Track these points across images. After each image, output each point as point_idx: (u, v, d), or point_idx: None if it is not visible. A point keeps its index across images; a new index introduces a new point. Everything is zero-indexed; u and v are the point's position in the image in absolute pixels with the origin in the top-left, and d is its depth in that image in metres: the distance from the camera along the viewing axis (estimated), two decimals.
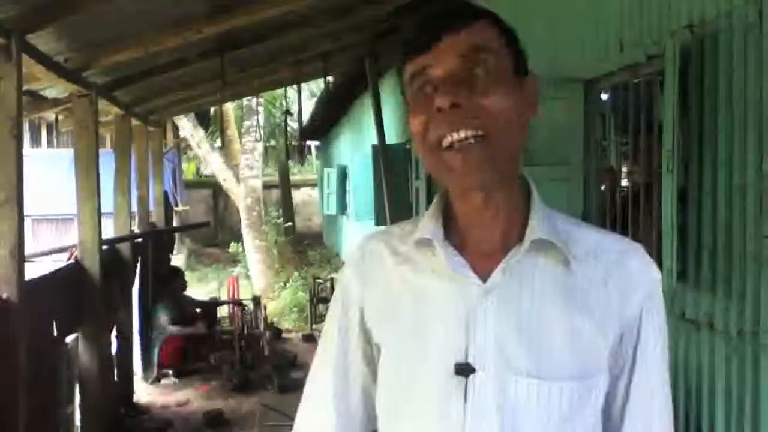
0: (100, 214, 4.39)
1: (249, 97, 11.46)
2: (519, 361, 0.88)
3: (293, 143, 13.67)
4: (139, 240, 6.19)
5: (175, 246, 10.04)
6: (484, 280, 0.90)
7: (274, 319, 9.02)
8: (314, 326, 8.31)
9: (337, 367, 1.02)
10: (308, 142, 17.78)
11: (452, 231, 0.95)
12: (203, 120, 15.10)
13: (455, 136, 0.84)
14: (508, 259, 0.90)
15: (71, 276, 4.20)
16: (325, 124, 12.37)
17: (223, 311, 8.07)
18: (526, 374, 0.87)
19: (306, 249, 14.50)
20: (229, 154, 15.26)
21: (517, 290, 0.90)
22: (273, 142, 19.04)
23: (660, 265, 2.36)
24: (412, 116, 0.88)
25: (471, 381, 0.88)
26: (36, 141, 14.27)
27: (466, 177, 0.86)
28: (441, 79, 0.85)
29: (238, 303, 7.68)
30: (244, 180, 11.95)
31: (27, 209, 3.09)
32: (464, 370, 0.88)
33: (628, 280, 0.91)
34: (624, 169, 3.72)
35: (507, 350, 0.88)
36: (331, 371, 1.02)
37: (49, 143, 14.49)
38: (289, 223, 13.75)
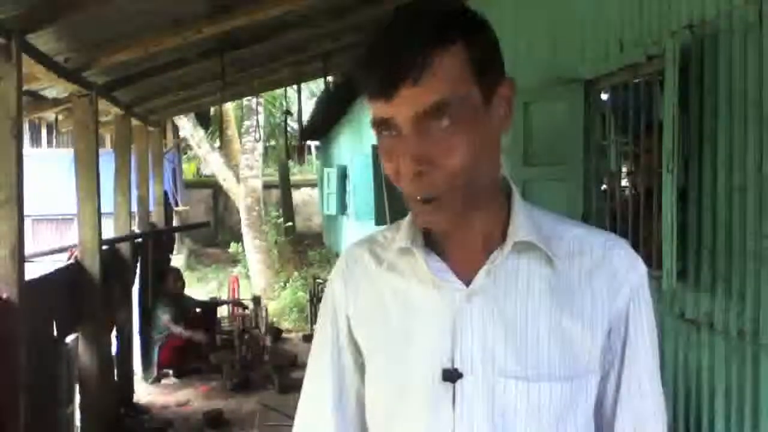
0: (100, 214, 4.39)
1: (249, 97, 11.46)
2: (506, 363, 0.87)
3: (293, 143, 13.68)
4: (139, 240, 6.19)
5: (175, 246, 10.04)
6: (468, 284, 0.89)
7: (274, 319, 9.02)
8: (314, 326, 8.29)
9: (332, 378, 1.01)
10: (308, 142, 17.79)
11: (433, 236, 0.94)
12: (203, 120, 15.10)
13: (422, 196, 0.83)
14: (491, 261, 0.89)
15: (71, 276, 4.20)
16: (325, 124, 12.36)
17: (223, 311, 8.07)
18: (514, 377, 0.87)
19: (306, 249, 14.50)
20: (229, 154, 15.25)
21: (501, 292, 0.89)
22: (273, 142, 19.04)
23: (660, 265, 2.36)
24: (382, 156, 0.86)
25: (459, 386, 0.87)
26: (36, 141, 14.28)
27: (433, 225, 0.87)
28: (403, 133, 0.81)
29: (238, 303, 7.68)
30: (244, 180, 11.95)
31: (27, 209, 3.09)
32: (452, 375, 0.88)
33: (613, 276, 0.90)
34: (624, 170, 3.72)
35: (494, 353, 0.87)
36: (327, 382, 1.01)
37: (49, 143, 14.49)
38: (289, 223, 13.76)
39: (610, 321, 0.90)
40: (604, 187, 3.11)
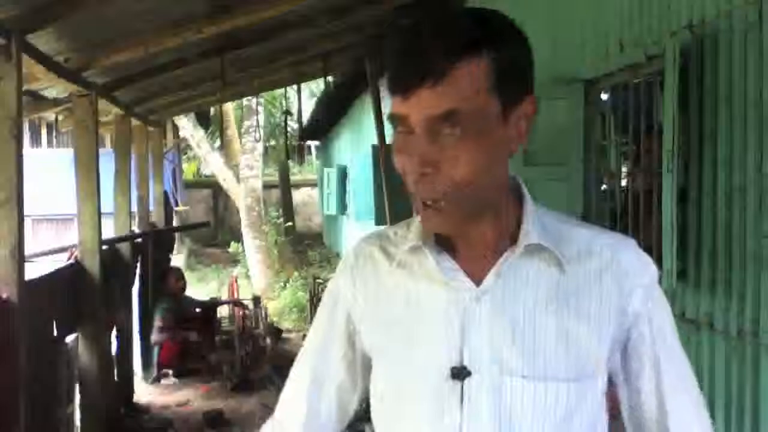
0: (100, 214, 4.38)
1: (249, 97, 11.46)
2: (513, 363, 0.88)
3: (293, 143, 13.68)
4: (139, 240, 6.19)
5: (175, 246, 10.03)
6: (478, 284, 0.90)
7: (274, 319, 9.02)
8: None
9: (315, 365, 1.05)
10: (308, 142, 17.79)
11: (444, 235, 0.94)
12: (203, 120, 15.09)
13: (422, 197, 0.85)
14: (501, 262, 0.90)
15: (71, 276, 4.20)
16: (325, 124, 12.36)
17: (223, 311, 8.06)
18: (521, 376, 0.87)
19: (306, 249, 14.50)
20: (229, 154, 15.26)
21: (510, 293, 0.90)
22: (273, 142, 19.04)
23: (660, 265, 2.36)
24: (394, 150, 0.87)
25: (467, 384, 0.88)
26: (36, 141, 14.27)
27: (433, 228, 0.89)
28: (414, 133, 0.82)
29: (238, 303, 7.67)
30: (244, 180, 11.94)
31: (27, 209, 3.08)
32: (460, 373, 0.89)
33: (624, 277, 0.91)
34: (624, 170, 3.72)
35: (501, 353, 0.88)
36: (308, 368, 1.06)
37: (49, 143, 14.49)
38: (289, 223, 13.75)
39: (625, 323, 0.91)
40: (604, 187, 3.12)
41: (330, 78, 8.00)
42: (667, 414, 0.94)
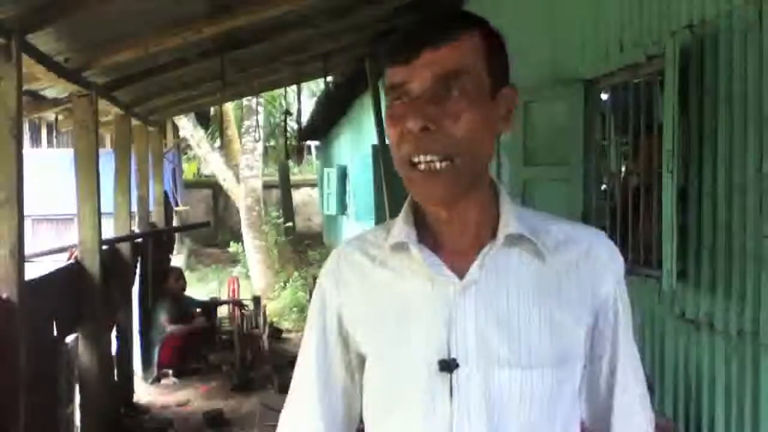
0: (100, 214, 4.38)
1: (249, 97, 11.45)
2: (500, 352, 0.91)
3: (293, 143, 13.68)
4: (139, 240, 6.19)
5: (175, 246, 10.03)
6: (461, 278, 0.92)
7: (274, 319, 9.02)
8: None
9: (318, 373, 1.04)
10: (308, 142, 17.79)
11: (426, 232, 0.97)
12: (203, 120, 15.08)
13: (422, 158, 0.87)
14: (484, 254, 0.93)
15: (71, 276, 4.20)
16: (325, 124, 12.36)
17: (223, 311, 8.06)
18: (508, 365, 0.90)
19: (306, 249, 14.49)
20: (229, 154, 15.25)
21: (494, 284, 0.93)
22: (273, 142, 19.04)
23: (660, 265, 2.36)
24: (389, 124, 0.91)
25: (455, 376, 0.91)
26: (36, 141, 14.26)
27: (427, 194, 0.90)
28: (415, 97, 0.88)
29: (238, 303, 7.67)
30: (244, 180, 11.94)
31: (27, 209, 3.08)
32: (448, 365, 0.91)
33: (598, 267, 0.96)
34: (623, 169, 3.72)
35: (488, 343, 0.91)
36: (313, 377, 1.04)
37: (49, 143, 14.48)
38: (289, 223, 13.75)
39: (596, 309, 0.96)
40: (604, 187, 3.12)
41: (330, 78, 8.00)
42: (615, 397, 1.00)
